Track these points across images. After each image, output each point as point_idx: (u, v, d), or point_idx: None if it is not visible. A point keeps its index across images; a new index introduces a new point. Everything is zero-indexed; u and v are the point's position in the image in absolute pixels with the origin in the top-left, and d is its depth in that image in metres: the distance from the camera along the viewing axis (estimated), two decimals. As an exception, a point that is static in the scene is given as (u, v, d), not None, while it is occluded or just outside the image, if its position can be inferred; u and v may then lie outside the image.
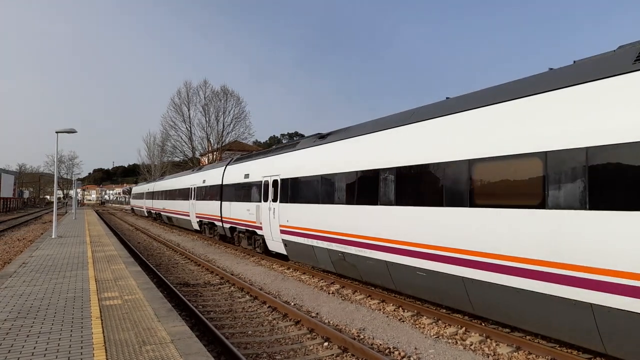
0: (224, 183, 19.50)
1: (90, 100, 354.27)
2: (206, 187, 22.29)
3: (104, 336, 5.59)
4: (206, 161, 50.38)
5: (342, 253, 10.43)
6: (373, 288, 10.59)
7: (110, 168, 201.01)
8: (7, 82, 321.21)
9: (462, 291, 7.33)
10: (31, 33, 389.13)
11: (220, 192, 19.80)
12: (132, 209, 58.39)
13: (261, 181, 15.09)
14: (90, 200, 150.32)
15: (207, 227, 22.71)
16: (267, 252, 15.58)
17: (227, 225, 19.09)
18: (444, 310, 8.62)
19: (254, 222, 15.56)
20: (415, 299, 9.38)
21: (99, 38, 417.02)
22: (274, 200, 13.94)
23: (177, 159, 58.64)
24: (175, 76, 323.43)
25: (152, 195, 39.74)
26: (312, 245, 11.76)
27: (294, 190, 12.81)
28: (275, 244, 14.30)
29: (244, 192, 16.80)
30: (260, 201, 15.06)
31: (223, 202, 19.32)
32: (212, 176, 21.80)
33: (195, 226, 24.79)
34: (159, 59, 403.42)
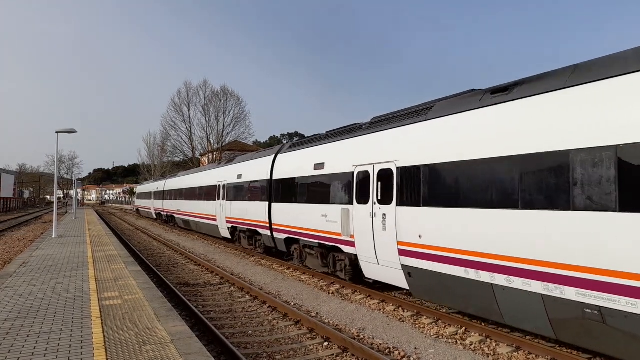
0: (274, 178, 14.54)
1: (91, 100, 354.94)
2: (244, 183, 17.17)
3: (104, 336, 5.60)
4: (206, 161, 50.45)
5: (599, 309, 5.45)
6: (372, 288, 10.56)
7: (110, 168, 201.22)
8: (7, 82, 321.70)
9: None
10: (31, 33, 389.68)
11: (268, 190, 14.80)
12: (137, 210, 52.38)
13: (351, 172, 10.20)
14: (90, 200, 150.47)
15: (245, 236, 17.44)
16: (357, 279, 10.68)
17: (280, 236, 13.98)
18: (444, 310, 8.62)
19: (337, 235, 10.64)
20: (415, 299, 9.37)
21: (99, 38, 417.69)
22: (383, 201, 9.09)
23: (177, 159, 58.80)
24: (175, 76, 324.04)
25: (163, 194, 34.17)
26: (491, 284, 6.77)
27: (434, 185, 7.84)
28: (383, 270, 9.35)
29: (314, 189, 11.86)
30: (349, 203, 10.21)
31: (274, 204, 14.35)
32: (253, 169, 16.63)
33: (225, 233, 19.56)
34: (159, 59, 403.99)
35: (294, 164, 13.39)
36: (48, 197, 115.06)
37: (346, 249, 10.51)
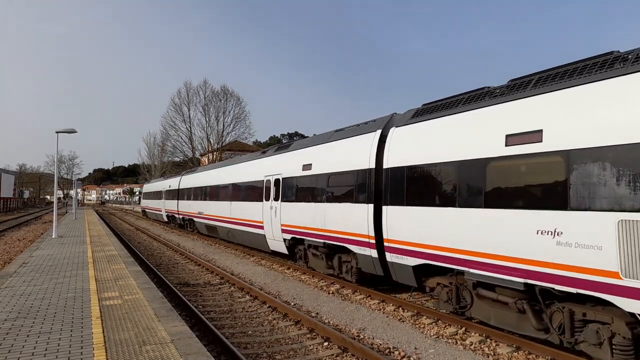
0: (389, 165, 9.21)
1: (91, 100, 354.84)
2: (317, 176, 11.90)
3: (104, 336, 5.60)
4: (206, 161, 50.45)
5: None
6: (372, 288, 10.55)
7: (110, 168, 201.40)
8: (7, 82, 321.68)
9: None
10: (31, 33, 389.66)
11: (372, 186, 9.72)
12: (144, 211, 46.08)
13: None
14: (90, 200, 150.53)
15: (319, 254, 12.04)
16: None
17: (407, 261, 8.73)
18: (444, 311, 8.61)
19: (601, 273, 5.55)
20: (415, 300, 9.36)
21: (99, 38, 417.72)
22: None
23: (177, 159, 58.85)
24: (176, 76, 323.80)
25: (178, 193, 28.99)
26: None
27: None
28: None
29: (510, 182, 6.76)
30: None
31: (389, 208, 9.11)
32: (336, 155, 11.42)
33: (277, 246, 14.39)
34: (160, 59, 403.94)
35: (440, 140, 8.13)
36: (48, 197, 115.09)
37: (632, 305, 5.25)
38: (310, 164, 12.36)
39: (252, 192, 16.28)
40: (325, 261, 11.85)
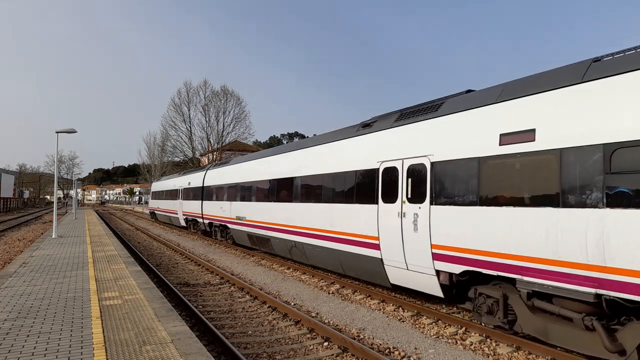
0: None
1: (91, 100, 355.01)
2: (562, 156, 5.82)
3: (104, 336, 5.60)
4: (206, 161, 50.46)
5: None
6: (373, 288, 10.56)
7: (110, 168, 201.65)
8: (8, 82, 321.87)
9: None
10: (31, 33, 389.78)
11: None
12: (153, 213, 39.17)
13: None
14: (90, 200, 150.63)
15: (582, 318, 5.74)
16: None
17: None
18: (444, 311, 8.62)
19: None
20: (416, 300, 9.36)
21: (99, 37, 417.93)
22: None
23: (177, 159, 58.87)
24: (176, 76, 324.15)
25: (203, 192, 23.06)
26: None
27: None
28: None
29: None
30: None
31: None
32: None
33: (416, 281, 8.58)
34: (160, 58, 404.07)
35: None
36: (48, 197, 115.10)
37: None
38: (532, 130, 6.36)
39: (351, 188, 10.47)
40: (606, 337, 5.49)
